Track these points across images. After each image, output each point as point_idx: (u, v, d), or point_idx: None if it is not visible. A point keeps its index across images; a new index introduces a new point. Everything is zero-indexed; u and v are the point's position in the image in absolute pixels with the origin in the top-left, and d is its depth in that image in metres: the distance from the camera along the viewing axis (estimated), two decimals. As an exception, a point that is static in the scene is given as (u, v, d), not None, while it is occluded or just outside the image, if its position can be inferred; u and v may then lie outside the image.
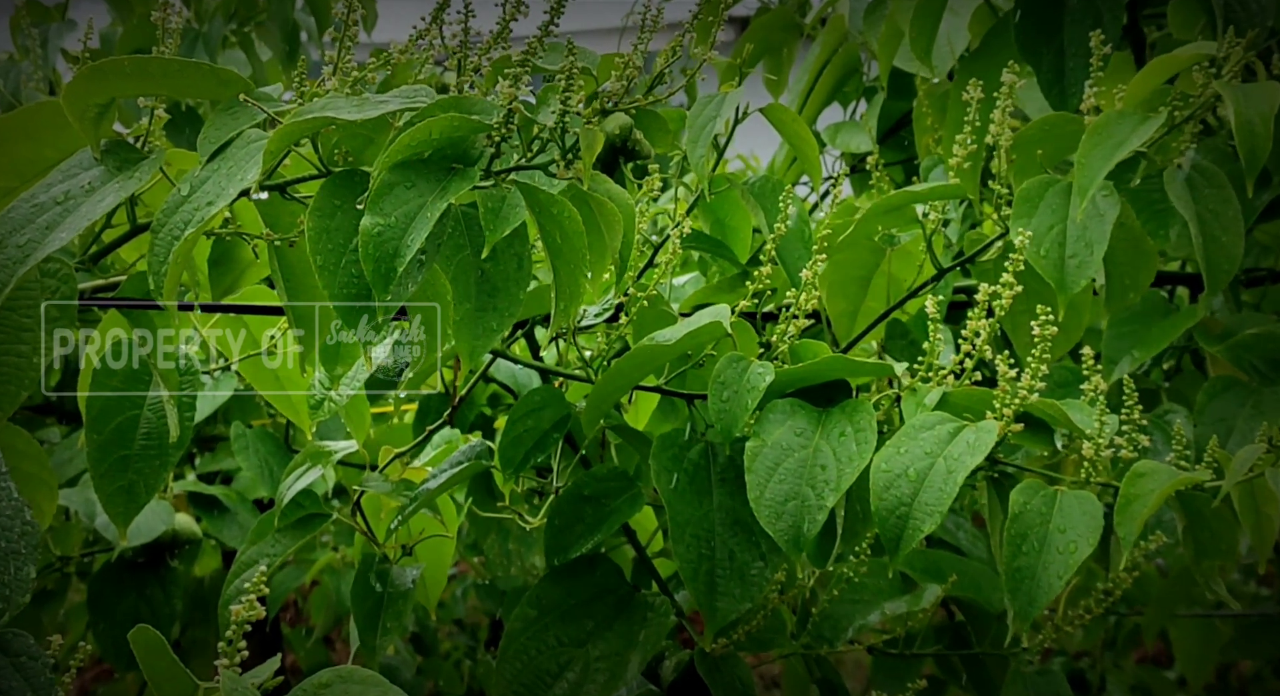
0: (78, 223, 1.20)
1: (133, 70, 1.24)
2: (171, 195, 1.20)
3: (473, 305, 1.33)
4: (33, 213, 1.22)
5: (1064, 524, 1.27)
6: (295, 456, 1.79)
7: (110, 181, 1.24)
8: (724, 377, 1.42)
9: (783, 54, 2.59)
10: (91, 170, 1.26)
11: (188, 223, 1.17)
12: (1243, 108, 1.51)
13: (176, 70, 1.24)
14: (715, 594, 1.43)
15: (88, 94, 1.24)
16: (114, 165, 1.26)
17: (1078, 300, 1.60)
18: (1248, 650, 2.64)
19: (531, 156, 1.25)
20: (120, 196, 1.22)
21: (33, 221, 1.22)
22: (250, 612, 0.97)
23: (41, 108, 1.32)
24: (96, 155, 1.27)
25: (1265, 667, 4.30)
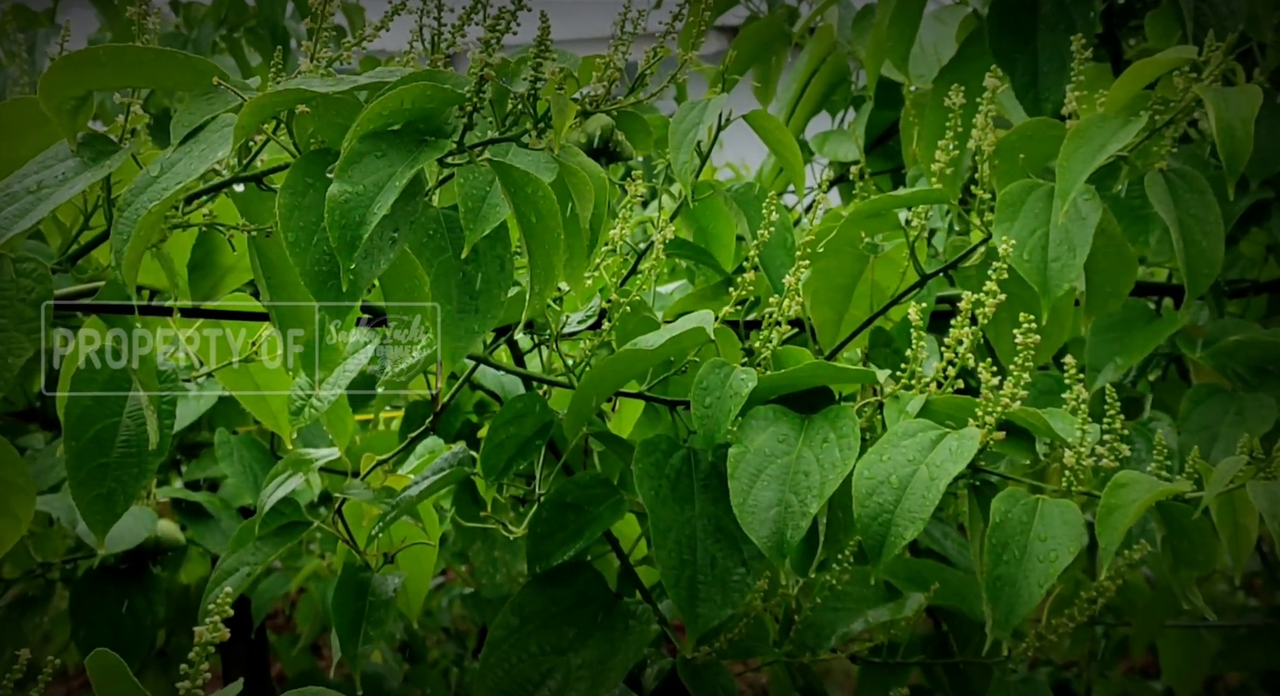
0: (46, 207, 1.20)
1: (108, 60, 1.23)
2: (140, 175, 1.19)
3: (454, 307, 1.32)
4: (5, 202, 1.22)
5: (1045, 532, 1.27)
6: (277, 464, 1.78)
7: (85, 171, 1.24)
8: (707, 383, 1.41)
9: (771, 62, 2.59)
10: (67, 162, 1.26)
11: (154, 200, 1.16)
12: (1223, 112, 1.52)
13: (152, 60, 1.23)
14: (697, 600, 1.43)
15: (64, 86, 1.23)
16: (89, 157, 1.26)
17: (1060, 307, 1.61)
18: (1235, 662, 2.64)
19: (504, 130, 1.24)
20: (91, 182, 1.22)
21: (2, 210, 1.22)
22: (214, 634, 0.95)
23: (18, 105, 1.31)
24: (73, 148, 1.26)
25: (1252, 679, 4.29)
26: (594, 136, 1.39)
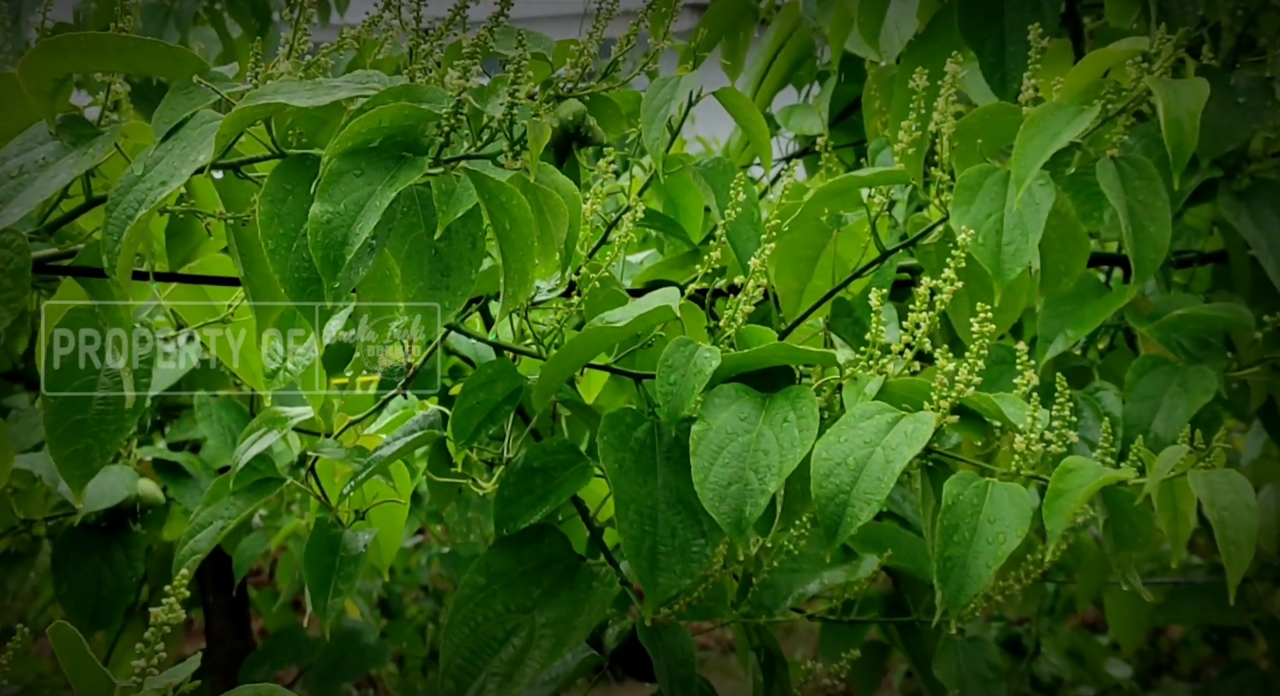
0: (32, 198, 1.20)
1: (89, 46, 1.23)
2: (126, 174, 1.19)
3: (425, 284, 1.32)
4: (-14, 182, 1.21)
5: (994, 515, 1.27)
6: (252, 421, 1.78)
7: (65, 156, 1.24)
8: (672, 361, 1.41)
9: (739, 38, 2.58)
10: (47, 145, 1.25)
11: (141, 202, 1.16)
12: (1171, 103, 1.53)
13: (133, 47, 1.23)
14: (657, 570, 1.43)
15: (45, 69, 1.22)
16: (69, 140, 1.25)
17: (1015, 283, 1.60)
18: (1176, 616, 2.68)
19: (480, 146, 1.23)
20: (74, 173, 1.22)
21: (-16, 192, 1.20)
22: (169, 615, 0.97)
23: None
24: (52, 130, 1.26)
25: (1193, 632, 4.33)
26: (566, 121, 1.39)
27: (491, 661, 1.52)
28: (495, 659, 1.52)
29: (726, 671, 4.90)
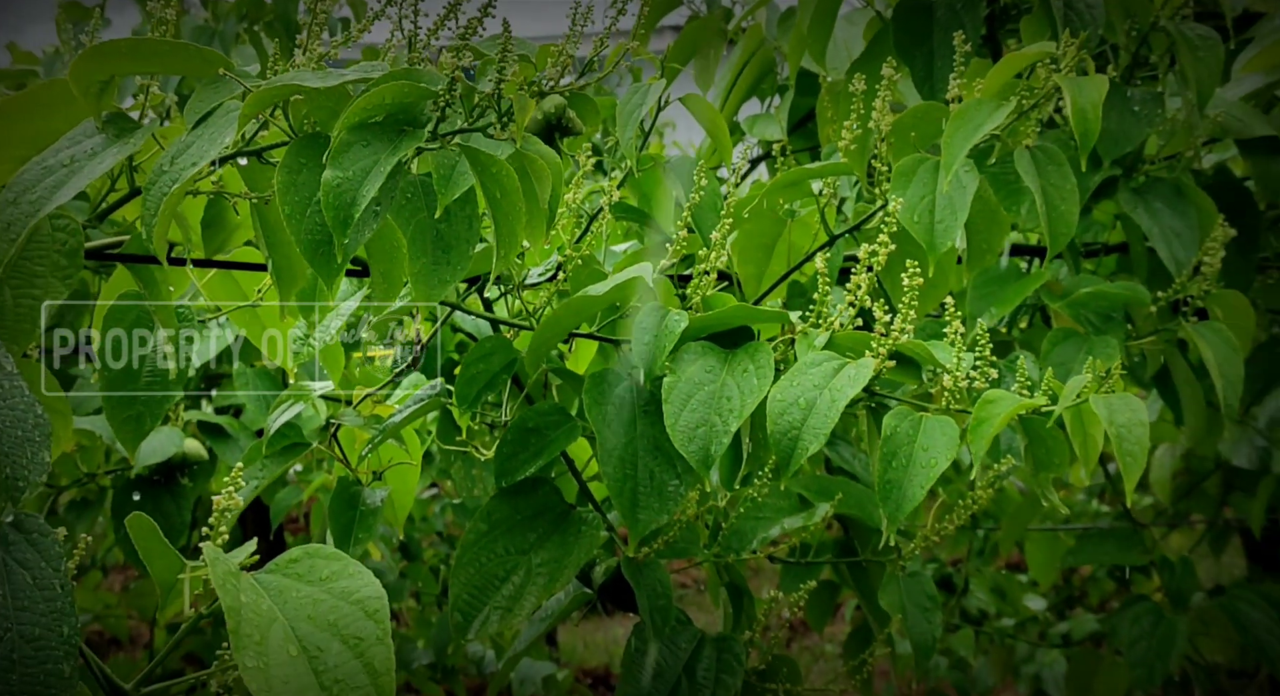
0: (80, 182, 1.18)
1: (128, 50, 1.21)
2: (161, 158, 1.18)
3: (428, 260, 1.32)
4: (42, 174, 1.19)
5: (927, 443, 1.29)
6: (283, 393, 1.79)
7: (110, 147, 1.22)
8: (646, 323, 1.42)
9: (710, 55, 2.58)
10: (94, 138, 1.23)
11: (175, 181, 1.15)
12: (1077, 97, 1.54)
13: (166, 50, 1.22)
14: (638, 508, 1.43)
15: (91, 72, 1.20)
16: (113, 133, 1.23)
17: (944, 262, 1.63)
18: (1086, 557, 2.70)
19: (473, 121, 1.22)
20: (117, 158, 1.20)
21: (42, 181, 1.19)
22: (228, 503, 1.00)
23: (52, 85, 1.29)
24: (99, 125, 1.24)
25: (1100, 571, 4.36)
26: (549, 114, 1.38)
27: (494, 597, 1.52)
28: (497, 595, 1.53)
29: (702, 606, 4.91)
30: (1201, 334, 1.77)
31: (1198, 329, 1.78)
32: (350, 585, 0.98)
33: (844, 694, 2.33)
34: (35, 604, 0.90)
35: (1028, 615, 4.17)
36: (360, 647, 0.94)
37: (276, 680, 0.90)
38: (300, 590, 0.97)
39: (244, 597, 0.94)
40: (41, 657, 0.89)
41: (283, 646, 0.92)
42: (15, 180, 1.18)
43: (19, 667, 0.88)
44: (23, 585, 0.90)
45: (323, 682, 0.92)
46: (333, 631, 0.95)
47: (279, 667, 0.91)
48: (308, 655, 0.93)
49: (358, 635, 0.95)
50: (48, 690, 0.89)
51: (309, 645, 0.93)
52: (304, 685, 0.91)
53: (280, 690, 0.90)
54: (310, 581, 0.98)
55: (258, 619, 0.93)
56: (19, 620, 0.89)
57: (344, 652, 0.94)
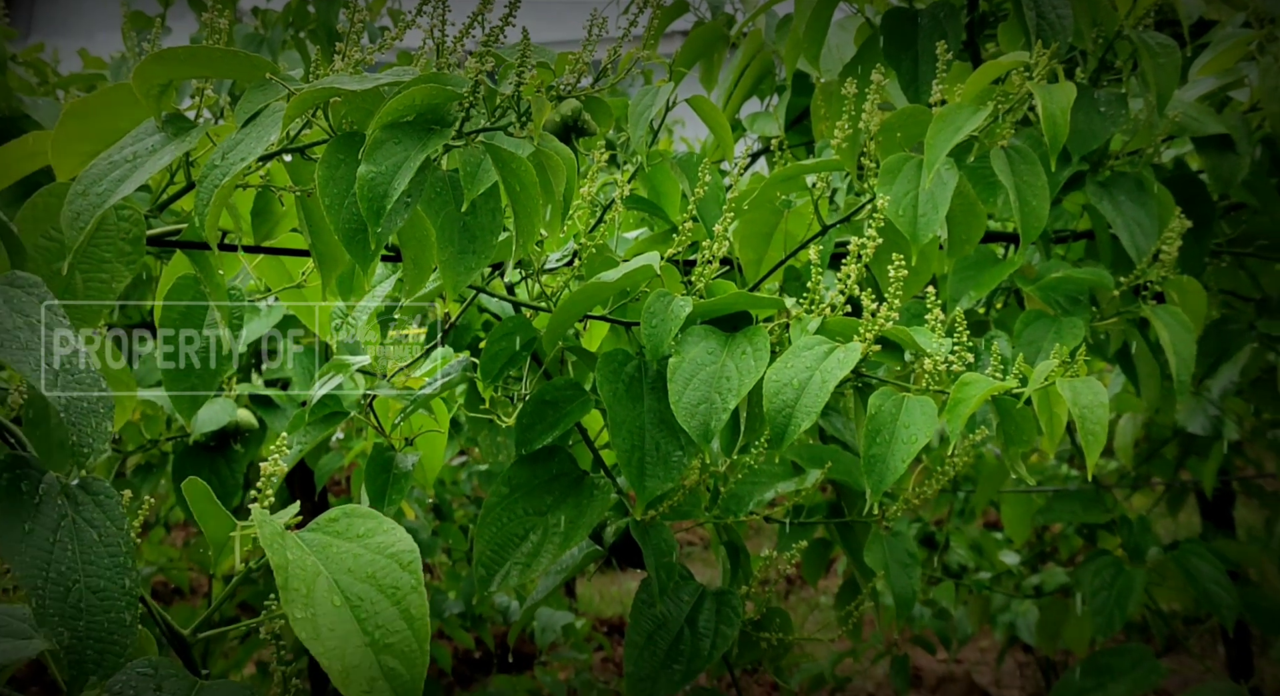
0: (142, 176, 1.18)
1: (186, 57, 1.21)
2: (213, 154, 1.18)
3: (455, 248, 1.31)
4: (109, 168, 1.20)
5: (908, 421, 1.29)
6: (324, 366, 1.79)
7: (169, 144, 1.22)
8: (653, 308, 1.42)
9: (714, 58, 2.57)
10: (155, 136, 1.23)
11: (225, 175, 1.15)
12: (1047, 102, 1.54)
13: (219, 57, 1.21)
14: (645, 476, 1.43)
15: (152, 76, 1.21)
16: (172, 132, 1.24)
17: (927, 250, 1.63)
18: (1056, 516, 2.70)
19: (495, 121, 1.23)
20: (175, 154, 1.20)
21: (108, 175, 1.19)
22: (274, 469, 1.01)
23: (118, 88, 1.29)
24: (159, 124, 1.24)
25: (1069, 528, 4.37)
26: (566, 116, 1.38)
27: (514, 553, 1.53)
28: (517, 551, 1.53)
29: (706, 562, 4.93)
30: (1159, 315, 1.77)
31: (1156, 311, 1.78)
32: (385, 540, 0.99)
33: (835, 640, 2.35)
34: (101, 559, 0.91)
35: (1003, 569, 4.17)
36: (397, 596, 0.95)
37: (323, 628, 0.91)
38: (340, 546, 0.98)
39: (290, 554, 0.94)
40: (106, 607, 0.90)
41: (327, 597, 0.93)
42: (84, 174, 1.19)
43: (85, 616, 0.89)
44: (90, 542, 0.91)
45: (365, 628, 0.93)
46: (372, 582, 0.95)
47: (325, 617, 0.92)
48: (350, 604, 0.93)
49: (395, 585, 0.95)
50: (111, 636, 0.90)
51: (351, 595, 0.94)
52: (348, 631, 0.92)
53: (327, 637, 0.91)
54: (349, 538, 0.99)
55: (303, 573, 0.93)
56: (86, 573, 0.90)
57: (383, 601, 0.94)
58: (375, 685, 0.91)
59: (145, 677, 0.91)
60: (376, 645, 0.92)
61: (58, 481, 0.92)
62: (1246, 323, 2.21)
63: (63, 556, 0.89)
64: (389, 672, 0.91)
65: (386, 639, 0.93)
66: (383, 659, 0.92)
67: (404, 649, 0.93)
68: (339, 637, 0.91)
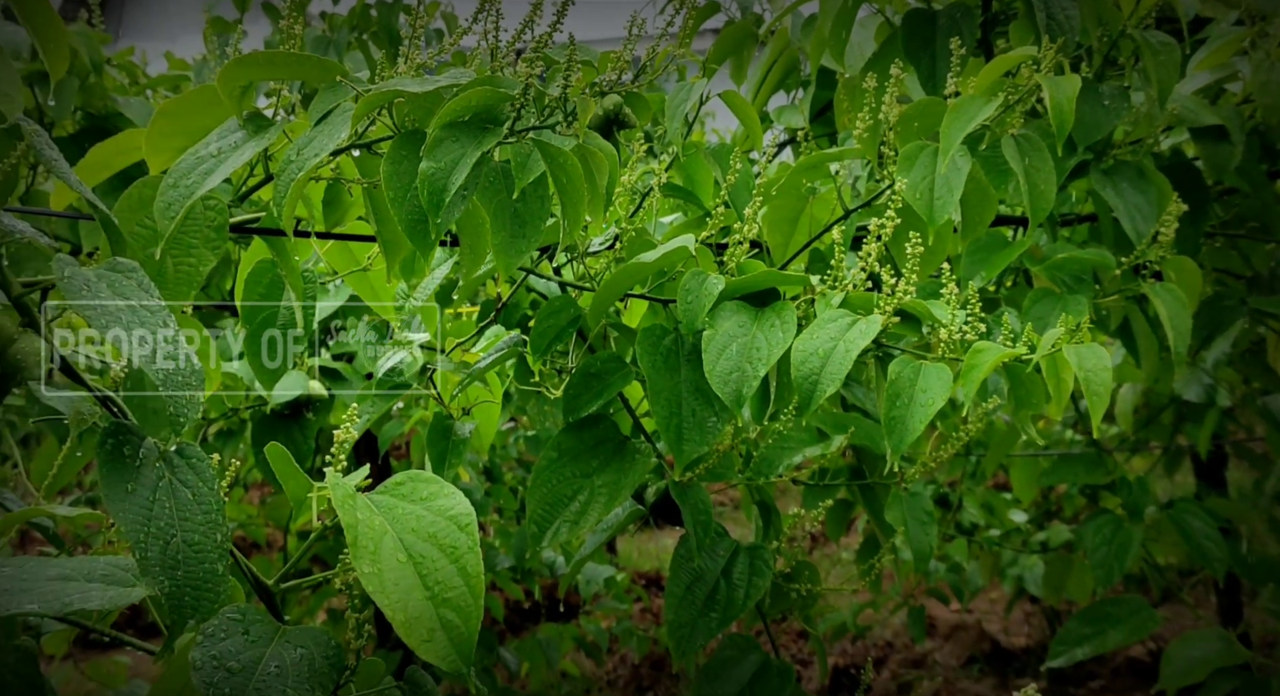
0: (226, 169, 1.20)
1: (264, 61, 1.23)
2: (289, 149, 1.20)
3: (507, 234, 1.32)
4: (196, 163, 1.22)
5: (925, 386, 1.29)
6: (388, 343, 1.80)
7: (249, 141, 1.24)
8: (689, 286, 1.42)
9: (743, 55, 2.57)
10: (237, 133, 1.25)
11: (300, 169, 1.17)
12: (1054, 93, 1.54)
13: (294, 61, 1.23)
14: (682, 440, 1.42)
15: (234, 78, 1.23)
16: (252, 129, 1.25)
17: (942, 232, 1.62)
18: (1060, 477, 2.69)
19: (544, 119, 1.23)
20: (255, 150, 1.21)
21: (196, 169, 1.21)
22: (346, 436, 1.02)
23: (204, 89, 1.31)
24: (240, 122, 1.26)
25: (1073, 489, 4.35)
26: (608, 110, 1.38)
27: (563, 512, 1.53)
28: (566, 510, 1.53)
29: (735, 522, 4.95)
30: (1157, 292, 1.76)
31: (1154, 288, 1.77)
32: (445, 503, 0.99)
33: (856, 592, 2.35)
34: (194, 516, 0.93)
35: (1011, 527, 4.17)
36: (455, 554, 0.96)
37: (389, 582, 0.92)
38: (405, 508, 0.99)
39: (360, 514, 0.96)
40: (200, 558, 0.92)
41: (392, 554, 0.94)
42: (174, 168, 1.21)
43: (183, 566, 0.90)
44: (185, 501, 0.93)
45: (426, 584, 0.94)
46: (433, 542, 0.96)
47: (390, 572, 0.93)
48: (413, 561, 0.95)
49: (453, 545, 0.96)
50: (205, 584, 0.92)
51: (414, 553, 0.95)
52: (411, 585, 0.93)
53: (391, 590, 0.92)
54: (413, 500, 1.00)
55: (371, 532, 0.95)
56: (182, 528, 0.92)
57: (442, 559, 0.95)
58: (434, 635, 0.92)
59: (235, 622, 0.93)
60: (436, 599, 0.93)
61: (156, 446, 0.94)
62: (1238, 299, 2.20)
63: (161, 513, 0.91)
64: (447, 624, 0.93)
65: (445, 593, 0.94)
66: (441, 612, 0.93)
67: (460, 603, 0.94)
68: (402, 591, 0.93)
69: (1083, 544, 2.32)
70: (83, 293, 0.89)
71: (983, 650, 4.80)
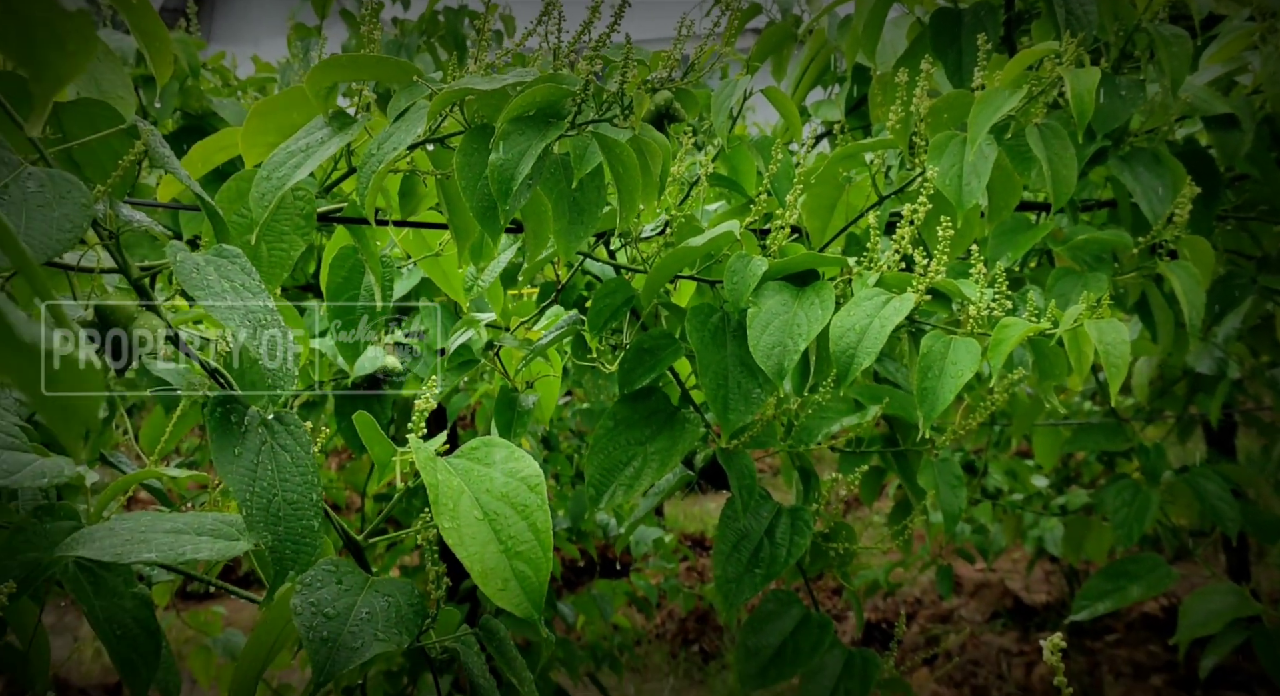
0: (313, 163, 1.22)
1: (348, 63, 1.24)
2: (370, 144, 1.21)
3: (567, 221, 1.33)
4: (286, 157, 1.24)
5: (955, 358, 1.28)
6: (457, 322, 1.81)
7: (334, 137, 1.25)
8: (734, 267, 1.42)
9: (783, 54, 2.56)
10: (323, 130, 1.27)
11: (380, 162, 1.18)
12: (1075, 84, 1.53)
13: (376, 63, 1.24)
14: (729, 410, 1.43)
15: (321, 79, 1.25)
16: (336, 126, 1.27)
17: (970, 216, 1.60)
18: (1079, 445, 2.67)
19: (602, 113, 1.24)
20: (339, 145, 1.23)
21: (286, 162, 1.23)
22: (425, 405, 1.05)
23: (293, 91, 1.32)
24: (326, 120, 1.28)
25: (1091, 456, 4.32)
26: (660, 105, 1.39)
27: (619, 477, 1.53)
28: (621, 475, 1.53)
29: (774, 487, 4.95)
30: (1173, 270, 1.75)
31: (1170, 266, 1.76)
32: (516, 466, 1.01)
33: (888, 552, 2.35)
34: (293, 477, 0.95)
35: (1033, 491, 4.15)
36: (526, 512, 0.98)
37: (467, 536, 0.95)
38: (479, 470, 1.01)
39: (440, 476, 0.98)
40: (299, 515, 0.94)
41: (470, 512, 0.96)
42: (268, 162, 1.23)
43: (284, 522, 0.93)
44: (285, 463, 0.95)
45: (500, 538, 0.96)
46: (505, 501, 0.98)
47: (468, 527, 0.95)
48: (488, 518, 0.97)
49: (524, 503, 0.98)
50: (303, 538, 0.94)
51: (489, 511, 0.97)
52: (486, 539, 0.95)
53: (469, 543, 0.95)
54: (487, 464, 1.02)
55: (450, 492, 0.97)
56: (283, 488, 0.94)
57: (514, 516, 0.97)
58: (509, 585, 0.94)
59: (329, 573, 0.96)
60: (509, 552, 0.95)
61: (258, 414, 0.97)
62: (1248, 277, 2.18)
63: (264, 474, 0.93)
64: (519, 575, 0.95)
65: (517, 547, 0.96)
66: (514, 563, 0.95)
67: (531, 556, 0.96)
68: (479, 544, 0.95)
69: (1103, 507, 2.31)
70: (193, 276, 0.91)
71: (1005, 606, 4.79)
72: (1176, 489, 2.41)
